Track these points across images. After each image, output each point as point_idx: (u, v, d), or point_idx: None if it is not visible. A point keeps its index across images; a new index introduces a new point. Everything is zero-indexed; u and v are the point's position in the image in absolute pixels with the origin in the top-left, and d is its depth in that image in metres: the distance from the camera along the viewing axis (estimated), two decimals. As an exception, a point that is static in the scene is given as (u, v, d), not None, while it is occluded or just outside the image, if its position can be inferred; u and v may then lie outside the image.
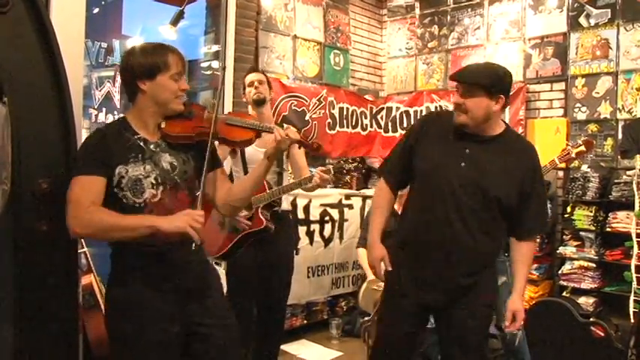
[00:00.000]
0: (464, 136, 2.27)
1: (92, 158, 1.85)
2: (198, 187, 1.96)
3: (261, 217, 3.05)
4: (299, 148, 2.05)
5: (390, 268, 2.37)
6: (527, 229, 2.35)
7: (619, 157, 4.36)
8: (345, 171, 3.61)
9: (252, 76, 3.20)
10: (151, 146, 1.93)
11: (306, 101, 5.04)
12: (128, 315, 1.90)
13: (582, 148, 3.02)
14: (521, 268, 2.38)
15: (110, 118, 3.89)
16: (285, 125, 2.44)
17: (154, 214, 1.86)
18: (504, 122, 2.38)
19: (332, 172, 3.16)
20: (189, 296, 1.96)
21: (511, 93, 4.85)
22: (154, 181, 1.88)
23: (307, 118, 5.03)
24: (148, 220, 1.80)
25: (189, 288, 1.96)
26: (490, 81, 2.19)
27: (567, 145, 3.20)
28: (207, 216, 2.82)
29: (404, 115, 5.69)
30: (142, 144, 1.92)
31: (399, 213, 2.60)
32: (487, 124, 2.25)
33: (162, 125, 1.95)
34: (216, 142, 2.03)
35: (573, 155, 3.05)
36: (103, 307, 2.96)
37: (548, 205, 4.60)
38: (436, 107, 5.40)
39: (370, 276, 3.96)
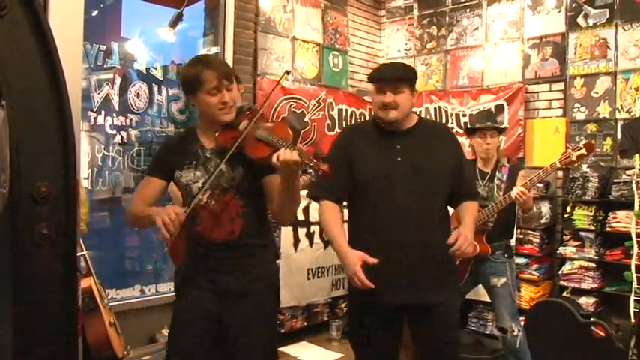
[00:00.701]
0: (389, 136, 2.38)
1: (155, 161, 2.22)
2: (251, 192, 2.09)
3: None
4: (304, 174, 2.00)
5: (375, 260, 2.18)
6: (466, 193, 2.50)
7: (618, 156, 4.36)
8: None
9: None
10: (207, 153, 2.10)
11: (306, 103, 5.04)
12: (175, 302, 2.18)
13: (583, 151, 3.01)
14: (469, 213, 2.46)
15: (109, 121, 3.89)
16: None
17: (201, 216, 2.05)
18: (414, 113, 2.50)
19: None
20: (226, 296, 2.07)
21: (510, 93, 4.92)
22: (200, 186, 2.01)
23: (306, 119, 5.04)
24: (148, 210, 1.98)
25: (228, 289, 2.06)
26: (412, 75, 2.42)
27: (568, 148, 3.18)
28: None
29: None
30: (199, 151, 2.10)
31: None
32: (408, 116, 2.40)
33: (217, 134, 2.08)
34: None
35: (574, 159, 3.04)
36: (102, 310, 2.97)
37: (548, 205, 4.62)
38: (435, 108, 5.41)
39: None
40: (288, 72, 2.20)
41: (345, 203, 2.52)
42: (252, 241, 2.11)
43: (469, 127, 3.67)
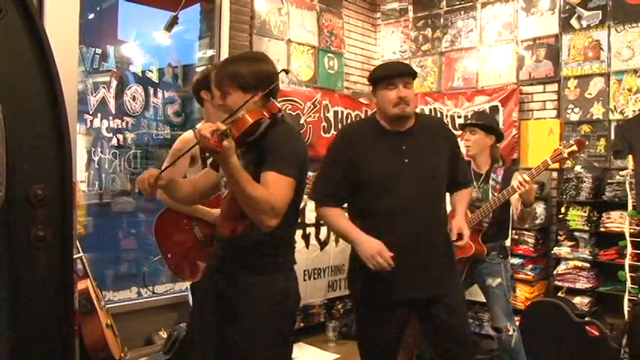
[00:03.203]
0: (392, 136, 2.40)
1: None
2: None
3: None
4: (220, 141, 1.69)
5: (392, 253, 2.18)
6: (460, 182, 2.61)
7: (612, 157, 4.38)
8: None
9: None
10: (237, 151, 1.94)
11: (301, 105, 5.06)
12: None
13: (574, 147, 3.03)
14: (462, 201, 2.60)
15: (105, 124, 3.90)
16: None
17: (221, 208, 2.12)
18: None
19: None
20: (221, 297, 2.03)
21: (505, 95, 4.94)
22: (223, 182, 2.09)
23: (302, 121, 5.05)
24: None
25: (224, 295, 2.02)
26: (414, 71, 2.49)
27: (559, 145, 3.21)
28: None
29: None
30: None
31: None
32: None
33: None
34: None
35: (565, 155, 3.06)
36: (99, 312, 2.97)
37: (542, 206, 4.64)
38: (430, 110, 5.43)
39: None
40: (286, 71, 2.11)
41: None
42: (256, 246, 1.97)
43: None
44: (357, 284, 2.45)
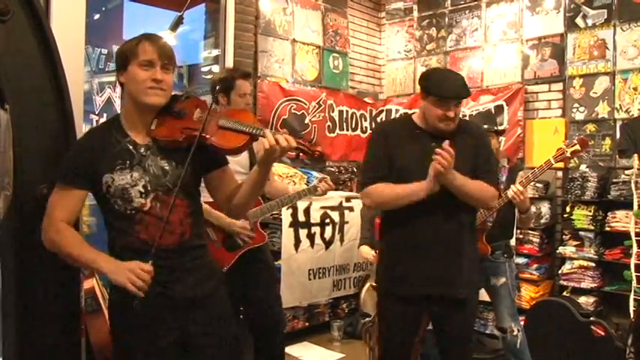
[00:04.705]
0: (427, 135, 2.41)
1: (74, 167, 1.80)
2: (195, 189, 1.92)
3: (262, 231, 3.03)
4: (297, 156, 1.88)
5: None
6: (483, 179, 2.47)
7: (617, 156, 4.37)
8: (341, 181, 3.65)
9: (247, 85, 2.99)
10: (141, 150, 1.83)
11: (306, 104, 5.07)
12: (124, 321, 1.86)
13: (577, 147, 3.02)
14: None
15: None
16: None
17: (145, 222, 1.79)
18: None
19: (330, 182, 3.21)
20: (186, 305, 1.87)
21: (510, 94, 4.94)
22: (142, 190, 1.79)
23: (307, 121, 5.06)
24: (96, 262, 1.72)
25: (187, 297, 1.86)
26: (470, 92, 2.44)
27: (562, 144, 3.20)
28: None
29: (403, 117, 5.71)
30: (131, 148, 1.82)
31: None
32: None
33: (152, 126, 1.83)
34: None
35: (568, 154, 3.05)
36: (105, 311, 2.98)
37: (547, 205, 4.63)
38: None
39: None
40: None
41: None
42: (200, 241, 1.95)
43: None
44: (384, 275, 2.54)
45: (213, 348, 1.93)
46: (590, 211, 4.31)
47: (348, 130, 5.54)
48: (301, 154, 1.84)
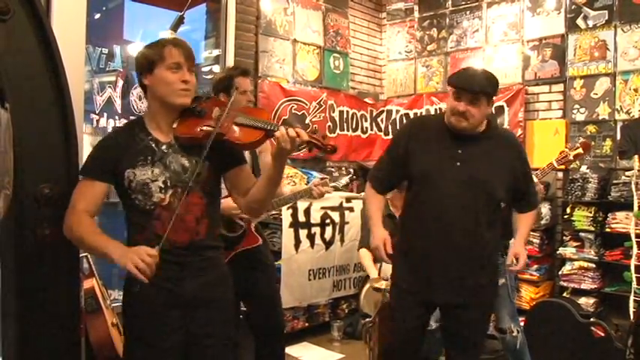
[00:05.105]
0: (454, 137, 2.36)
1: (98, 163, 1.89)
2: (215, 189, 1.99)
3: (256, 233, 2.98)
4: (310, 150, 1.92)
5: (390, 251, 2.42)
6: (529, 203, 2.60)
7: (617, 157, 4.37)
8: (341, 186, 3.66)
9: (247, 83, 2.95)
10: (163, 147, 1.91)
11: (306, 105, 5.07)
12: (135, 319, 1.93)
13: (580, 150, 3.03)
14: (524, 225, 2.62)
15: (112, 123, 3.92)
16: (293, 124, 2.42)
17: (162, 217, 1.84)
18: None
19: (327, 184, 3.20)
20: (194, 305, 1.91)
21: (510, 95, 4.94)
22: (162, 185, 1.87)
23: (307, 121, 5.06)
24: (107, 248, 1.76)
25: (195, 296, 1.91)
26: (494, 89, 2.33)
27: (565, 147, 3.21)
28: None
29: (404, 117, 5.72)
30: (153, 145, 1.90)
31: (397, 216, 2.66)
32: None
33: (174, 125, 1.92)
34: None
35: (571, 158, 3.06)
36: (104, 310, 2.99)
37: (548, 206, 4.63)
38: (436, 110, 5.42)
39: (372, 275, 3.97)
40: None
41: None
42: (214, 242, 2.00)
43: None
44: (397, 270, 2.58)
45: (215, 349, 1.97)
46: (591, 212, 4.31)
47: (348, 130, 5.54)
48: (314, 148, 1.88)
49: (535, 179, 2.93)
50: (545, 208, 4.63)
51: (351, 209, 4.83)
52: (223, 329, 2.01)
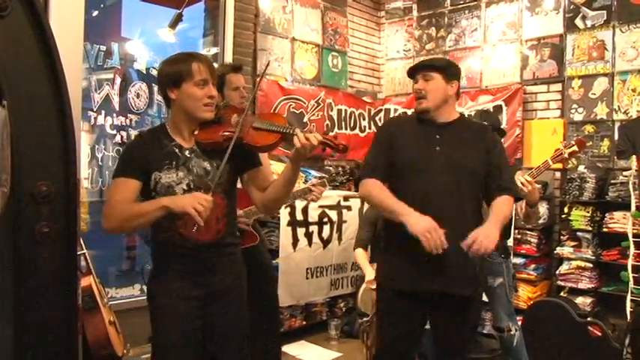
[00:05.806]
0: (429, 125, 2.45)
1: (129, 162, 2.03)
2: (233, 189, 2.12)
3: (254, 232, 3.00)
4: (323, 150, 2.00)
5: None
6: (502, 187, 2.42)
7: (615, 157, 4.37)
8: (338, 184, 3.64)
9: (240, 79, 2.92)
10: (186, 152, 2.04)
11: (305, 103, 5.07)
12: (157, 310, 2.07)
13: (575, 148, 3.02)
14: (499, 209, 2.36)
15: (109, 121, 3.91)
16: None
17: (185, 219, 1.92)
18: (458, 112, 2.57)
19: (326, 184, 3.20)
20: (213, 297, 2.06)
21: (509, 94, 4.94)
22: (185, 187, 2.00)
23: (305, 119, 5.06)
24: (160, 202, 1.90)
25: (214, 291, 2.06)
26: (445, 63, 2.51)
27: (560, 145, 3.20)
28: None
29: (402, 116, 5.72)
30: (177, 150, 2.03)
31: None
32: (445, 108, 2.45)
33: (196, 132, 2.05)
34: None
35: (566, 155, 3.05)
36: (102, 308, 2.98)
37: (545, 206, 4.63)
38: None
39: (368, 275, 3.97)
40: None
41: None
42: (233, 240, 2.15)
43: None
44: (382, 270, 2.57)
45: (233, 342, 2.12)
46: (588, 212, 4.32)
47: (346, 129, 5.54)
48: (327, 148, 2.00)
49: (529, 177, 2.93)
50: (542, 208, 4.63)
51: (349, 208, 4.83)
52: (240, 320, 2.15)
